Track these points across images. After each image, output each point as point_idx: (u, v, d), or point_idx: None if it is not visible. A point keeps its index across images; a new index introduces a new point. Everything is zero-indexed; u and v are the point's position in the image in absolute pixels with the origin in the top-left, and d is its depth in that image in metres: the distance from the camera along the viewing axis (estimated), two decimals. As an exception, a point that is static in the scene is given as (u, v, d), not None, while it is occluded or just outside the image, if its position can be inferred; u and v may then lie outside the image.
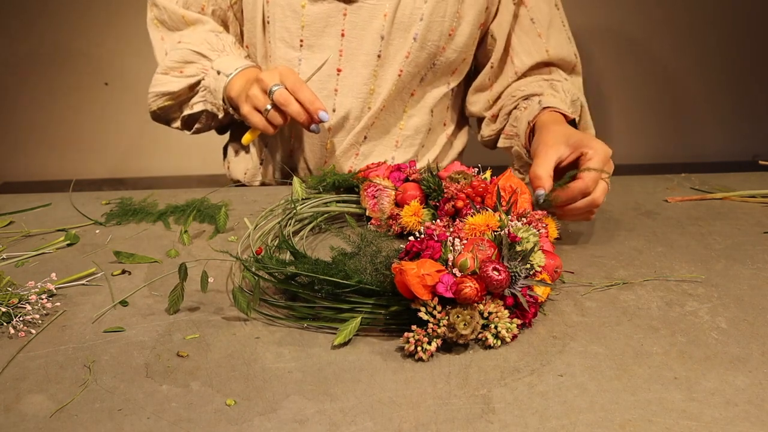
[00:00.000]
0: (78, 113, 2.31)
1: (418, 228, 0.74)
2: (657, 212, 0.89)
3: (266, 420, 0.48)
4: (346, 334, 0.56)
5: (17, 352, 0.56)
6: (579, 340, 0.58)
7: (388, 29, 0.95)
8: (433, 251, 0.58)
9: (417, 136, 1.05)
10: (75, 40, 2.21)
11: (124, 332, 0.59)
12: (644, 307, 0.64)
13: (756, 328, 0.60)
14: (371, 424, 0.47)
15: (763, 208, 0.91)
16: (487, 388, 0.52)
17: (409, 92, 1.01)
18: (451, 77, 1.04)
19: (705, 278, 0.70)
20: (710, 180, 1.02)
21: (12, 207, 0.88)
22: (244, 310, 0.60)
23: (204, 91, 0.98)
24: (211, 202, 0.88)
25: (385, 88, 0.98)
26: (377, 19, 0.94)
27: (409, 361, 0.55)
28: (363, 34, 0.95)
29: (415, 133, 1.05)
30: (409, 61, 0.97)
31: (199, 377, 0.53)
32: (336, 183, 0.84)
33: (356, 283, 0.58)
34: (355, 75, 0.97)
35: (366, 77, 0.97)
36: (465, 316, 0.54)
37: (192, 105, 1.01)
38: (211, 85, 0.96)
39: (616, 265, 0.73)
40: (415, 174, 0.79)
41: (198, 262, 0.72)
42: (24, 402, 0.50)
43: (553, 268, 0.62)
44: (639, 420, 0.48)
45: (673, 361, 0.55)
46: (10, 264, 0.72)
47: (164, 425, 0.47)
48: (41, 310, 0.62)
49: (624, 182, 1.01)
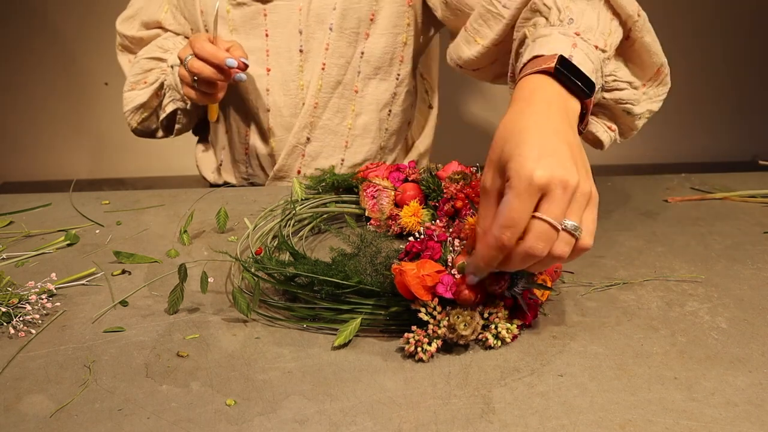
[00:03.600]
0: (78, 113, 2.31)
1: (417, 228, 0.75)
2: (657, 212, 0.89)
3: (266, 420, 0.48)
4: (347, 335, 0.56)
5: (17, 352, 0.56)
6: (579, 340, 0.58)
7: (305, 23, 0.96)
8: (433, 252, 0.58)
9: (367, 135, 1.04)
10: (75, 40, 2.21)
11: (124, 332, 0.59)
12: (644, 307, 0.64)
13: (756, 328, 0.60)
14: (371, 424, 0.47)
15: (763, 208, 0.91)
16: (487, 388, 0.52)
17: (352, 88, 1.01)
18: (401, 66, 1.02)
19: (705, 278, 0.70)
20: (710, 180, 1.02)
21: (12, 207, 0.88)
22: (243, 312, 0.60)
23: (169, 90, 1.00)
24: (211, 203, 0.88)
25: (312, 82, 0.99)
26: (294, 14, 0.96)
27: (409, 361, 0.55)
28: (283, 32, 0.97)
29: (364, 132, 1.04)
30: (330, 52, 0.97)
31: (199, 377, 0.53)
32: (335, 183, 0.84)
33: (356, 284, 0.58)
34: (282, 72, 0.99)
35: (293, 73, 0.99)
36: (465, 316, 0.54)
37: (164, 108, 1.03)
38: (172, 82, 0.98)
39: (616, 265, 0.73)
40: (414, 174, 0.79)
41: (198, 263, 0.72)
42: (24, 402, 0.50)
43: (553, 268, 0.62)
44: (639, 420, 0.48)
45: (673, 361, 0.55)
46: (10, 264, 0.72)
47: (164, 425, 0.47)
48: (41, 310, 0.62)
49: (624, 182, 1.01)
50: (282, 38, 0.98)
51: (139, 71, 1.02)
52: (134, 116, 1.05)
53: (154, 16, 1.04)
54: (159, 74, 1.02)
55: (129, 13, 1.06)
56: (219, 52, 0.87)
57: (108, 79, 2.27)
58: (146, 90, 1.02)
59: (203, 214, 0.86)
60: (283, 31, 0.97)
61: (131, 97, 1.04)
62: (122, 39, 1.07)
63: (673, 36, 2.32)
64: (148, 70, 1.02)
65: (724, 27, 2.36)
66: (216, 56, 0.87)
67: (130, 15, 1.06)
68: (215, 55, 0.87)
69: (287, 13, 0.96)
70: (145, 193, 0.95)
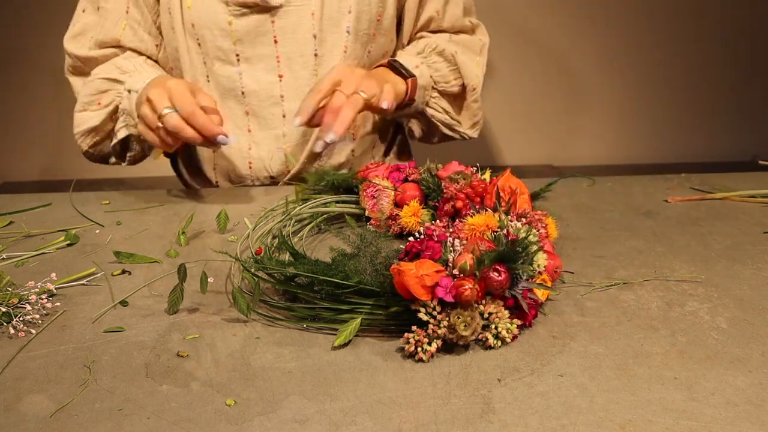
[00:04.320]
0: (78, 113, 2.31)
1: (417, 228, 0.74)
2: (657, 212, 0.89)
3: (266, 420, 0.48)
4: (347, 335, 0.56)
5: (17, 352, 0.56)
6: (579, 340, 0.58)
7: (318, 27, 0.96)
8: (433, 252, 0.58)
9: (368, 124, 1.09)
10: (75, 40, 2.21)
11: (124, 332, 0.59)
12: (644, 307, 0.64)
13: (756, 328, 0.60)
14: (371, 424, 0.47)
15: (763, 208, 0.91)
16: (487, 388, 0.52)
17: None
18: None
19: (705, 278, 0.70)
20: (710, 180, 1.02)
21: (12, 207, 0.88)
22: (243, 312, 0.60)
23: (124, 115, 0.95)
24: (211, 203, 0.88)
25: None
26: (306, 19, 0.96)
27: (409, 361, 0.55)
28: (295, 37, 0.96)
29: (365, 122, 1.08)
30: (347, 54, 0.98)
31: (199, 377, 0.53)
32: (335, 183, 0.84)
33: (356, 284, 0.58)
34: (296, 78, 0.98)
35: (307, 78, 0.99)
36: (465, 317, 0.54)
37: (117, 132, 0.97)
38: (127, 107, 0.92)
39: (616, 265, 0.73)
40: (414, 174, 0.79)
41: (198, 263, 0.72)
42: (24, 402, 0.50)
43: (553, 268, 0.62)
44: (639, 420, 0.48)
45: (673, 361, 0.55)
46: (10, 264, 0.72)
47: (164, 425, 0.47)
48: (41, 310, 0.62)
49: (624, 182, 1.01)
50: (294, 44, 0.97)
51: (93, 91, 0.96)
52: (85, 139, 0.98)
53: (111, 33, 0.97)
54: (114, 96, 0.95)
55: (76, 30, 0.99)
56: (214, 127, 0.81)
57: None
58: (99, 112, 0.96)
59: (203, 214, 0.86)
60: (295, 36, 0.96)
61: (83, 118, 0.97)
62: (74, 60, 1.00)
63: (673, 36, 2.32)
64: (102, 91, 0.95)
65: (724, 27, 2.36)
66: (211, 130, 0.81)
67: (77, 32, 0.99)
68: (209, 129, 0.81)
69: (298, 19, 0.95)
70: (145, 193, 0.95)
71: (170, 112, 0.81)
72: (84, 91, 0.97)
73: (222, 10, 0.94)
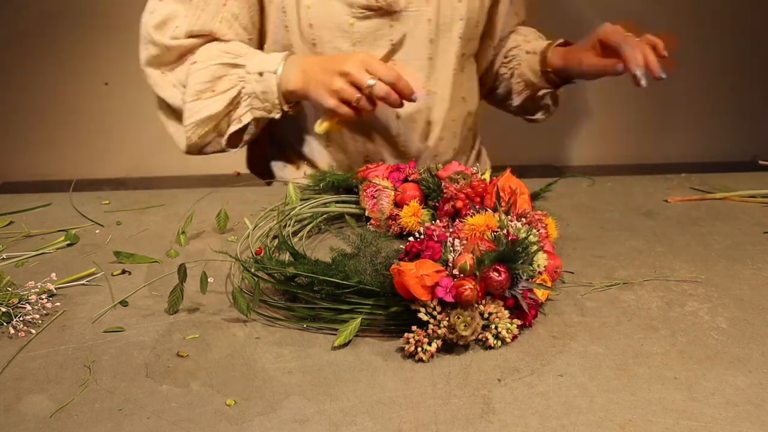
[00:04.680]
0: (78, 113, 2.31)
1: (417, 228, 0.74)
2: (657, 212, 0.89)
3: (266, 420, 0.48)
4: (347, 335, 0.56)
5: (17, 352, 0.56)
6: (579, 340, 0.58)
7: (434, 32, 0.99)
8: (433, 252, 0.58)
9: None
10: (75, 40, 2.21)
11: (124, 332, 0.59)
12: (644, 307, 0.64)
13: (756, 328, 0.60)
14: (371, 424, 0.48)
15: (763, 208, 0.91)
16: (487, 388, 0.52)
17: None
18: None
19: (705, 278, 0.70)
20: (710, 180, 1.02)
21: (12, 207, 0.88)
22: (243, 312, 0.60)
23: (248, 98, 0.93)
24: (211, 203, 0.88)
25: (444, 88, 1.03)
26: (422, 25, 0.98)
27: (409, 361, 0.55)
28: (411, 41, 0.97)
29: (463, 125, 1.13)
30: (461, 59, 1.03)
31: (199, 377, 0.53)
32: (335, 183, 0.84)
33: (356, 284, 0.58)
34: (412, 80, 0.95)
35: (422, 81, 1.01)
36: (465, 317, 0.54)
37: (239, 118, 0.94)
38: (256, 89, 0.91)
39: (616, 265, 0.73)
40: (414, 174, 0.79)
41: (198, 263, 0.72)
42: (24, 402, 0.50)
43: (553, 268, 0.62)
44: (639, 420, 0.48)
45: (673, 361, 0.55)
46: (10, 264, 0.72)
47: (164, 425, 0.47)
48: (41, 310, 0.62)
49: (624, 182, 1.01)
50: (411, 47, 0.98)
51: (207, 78, 0.92)
52: (198, 129, 0.94)
53: (208, 26, 0.94)
54: (234, 82, 0.92)
55: (159, 18, 0.94)
56: (412, 86, 0.87)
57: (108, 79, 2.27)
58: (217, 99, 0.92)
59: (203, 214, 0.86)
60: (411, 40, 0.97)
61: (198, 107, 0.92)
62: (158, 49, 0.95)
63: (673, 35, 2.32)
64: (218, 77, 0.92)
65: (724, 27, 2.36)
66: (410, 90, 0.87)
67: (161, 21, 0.94)
68: (409, 90, 0.87)
69: (415, 23, 0.97)
70: (145, 193, 0.95)
71: (375, 81, 0.86)
72: (194, 79, 0.93)
73: (344, 11, 0.94)
